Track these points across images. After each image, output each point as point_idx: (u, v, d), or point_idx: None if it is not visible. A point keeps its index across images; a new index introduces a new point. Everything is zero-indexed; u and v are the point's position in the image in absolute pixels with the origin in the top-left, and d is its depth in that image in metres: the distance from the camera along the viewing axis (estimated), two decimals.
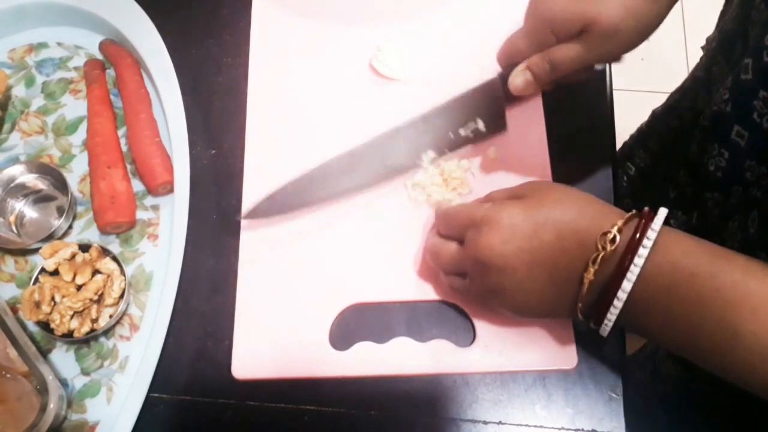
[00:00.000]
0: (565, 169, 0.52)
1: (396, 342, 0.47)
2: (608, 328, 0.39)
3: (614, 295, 0.37)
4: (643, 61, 1.46)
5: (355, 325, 0.48)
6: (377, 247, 0.49)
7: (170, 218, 0.51)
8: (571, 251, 0.38)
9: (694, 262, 0.36)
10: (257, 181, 0.51)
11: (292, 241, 0.50)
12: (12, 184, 0.52)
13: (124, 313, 0.49)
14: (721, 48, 0.49)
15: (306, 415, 0.46)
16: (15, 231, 0.51)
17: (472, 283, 0.43)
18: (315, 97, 0.55)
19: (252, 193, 0.51)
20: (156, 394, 0.47)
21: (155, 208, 0.52)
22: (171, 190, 0.52)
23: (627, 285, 0.36)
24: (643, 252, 0.36)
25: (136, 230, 0.51)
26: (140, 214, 0.52)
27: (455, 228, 0.43)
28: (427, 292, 0.48)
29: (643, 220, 0.37)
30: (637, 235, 0.36)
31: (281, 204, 0.49)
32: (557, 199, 0.40)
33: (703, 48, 0.60)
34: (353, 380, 0.46)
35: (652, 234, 0.36)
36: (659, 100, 0.71)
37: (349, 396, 0.46)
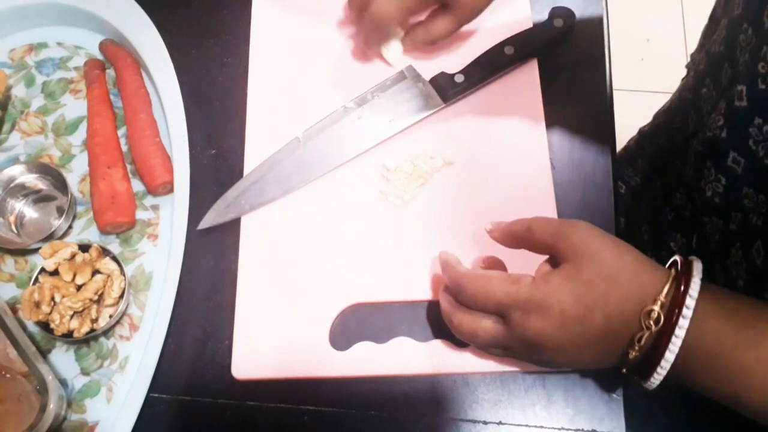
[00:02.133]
0: (566, 168, 0.52)
1: (396, 342, 0.47)
2: (654, 385, 0.39)
3: (658, 363, 0.37)
4: (643, 61, 1.46)
5: (355, 325, 0.48)
6: (377, 247, 0.49)
7: (170, 218, 0.51)
8: (618, 330, 0.38)
9: (735, 329, 0.36)
10: None
11: (293, 242, 0.50)
12: (12, 184, 0.51)
13: (123, 313, 0.49)
14: (709, 70, 0.49)
15: (306, 415, 0.46)
16: (15, 231, 0.51)
17: (517, 355, 0.42)
18: (315, 96, 0.55)
19: None
20: (156, 394, 0.47)
21: (155, 208, 0.52)
22: (171, 190, 0.52)
23: (670, 356, 0.37)
24: (683, 323, 0.36)
25: (136, 230, 0.51)
26: (140, 214, 0.52)
27: (490, 305, 0.40)
28: (427, 292, 0.48)
29: (682, 287, 0.37)
30: (676, 310, 0.36)
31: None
32: (608, 275, 0.38)
33: (688, 66, 0.60)
34: (353, 380, 0.46)
35: (691, 302, 0.36)
36: (659, 99, 0.71)
37: (349, 396, 0.46)
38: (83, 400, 0.47)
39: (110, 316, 0.47)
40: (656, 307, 0.37)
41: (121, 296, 0.47)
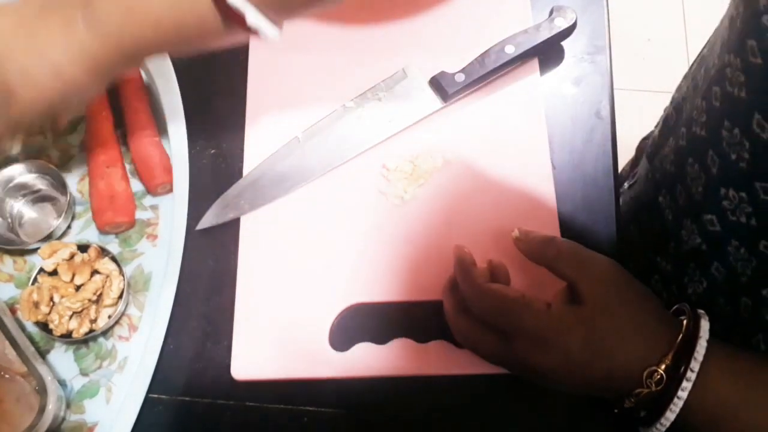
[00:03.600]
0: (567, 168, 0.52)
1: (396, 342, 0.47)
2: None
3: (657, 419, 0.37)
4: (643, 61, 1.46)
5: (355, 325, 0.48)
6: (377, 247, 0.49)
7: (169, 218, 0.51)
8: (618, 382, 0.38)
9: (739, 395, 0.36)
10: None
11: (292, 242, 0.50)
12: (11, 184, 0.51)
13: (122, 314, 0.49)
14: (665, 184, 0.49)
15: (305, 415, 0.46)
16: (14, 231, 0.51)
17: (512, 371, 0.42)
18: (315, 96, 0.54)
19: None
20: (155, 395, 0.47)
21: (154, 208, 0.52)
22: (170, 190, 0.52)
23: (671, 415, 0.37)
24: (687, 385, 0.36)
25: (135, 230, 0.51)
26: (139, 214, 0.52)
27: (498, 325, 0.41)
28: (427, 292, 0.48)
29: (688, 350, 0.37)
30: (681, 371, 0.36)
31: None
32: (621, 329, 0.38)
33: (648, 157, 0.59)
34: (353, 381, 0.46)
35: (695, 365, 0.36)
36: (660, 99, 0.70)
37: (349, 396, 0.46)
38: (82, 401, 0.47)
39: (109, 317, 0.47)
40: (660, 370, 0.37)
41: (120, 296, 0.47)
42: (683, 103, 0.49)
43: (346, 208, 0.51)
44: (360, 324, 0.48)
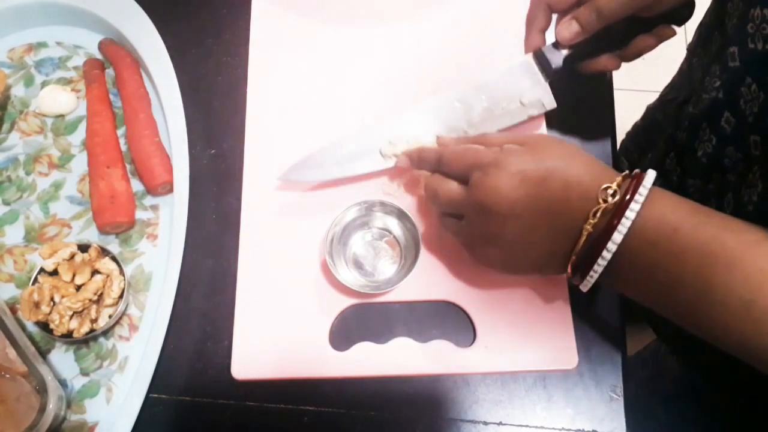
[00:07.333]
0: None
1: (396, 342, 0.47)
2: (592, 281, 0.40)
3: (604, 245, 0.38)
4: (643, 60, 1.46)
5: (355, 325, 0.48)
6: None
7: (170, 218, 0.51)
8: (574, 202, 0.39)
9: (679, 217, 0.37)
10: (257, 181, 0.51)
11: (292, 241, 0.50)
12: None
13: (123, 314, 0.49)
14: (700, 40, 0.50)
15: (306, 415, 0.46)
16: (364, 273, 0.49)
17: (468, 226, 0.43)
18: (315, 96, 0.54)
19: (251, 193, 0.51)
20: (155, 395, 0.47)
21: (154, 208, 0.52)
22: (170, 190, 0.52)
23: (618, 236, 0.37)
24: (635, 206, 0.37)
25: (136, 230, 0.51)
26: (139, 214, 0.52)
27: (460, 167, 0.43)
28: (427, 292, 0.48)
29: (636, 179, 0.38)
30: (631, 190, 0.38)
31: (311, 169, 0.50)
32: (564, 153, 0.40)
33: (688, 48, 0.61)
34: (353, 380, 0.46)
35: (644, 190, 0.38)
36: None
37: (349, 396, 0.46)
38: (83, 401, 0.47)
39: (110, 317, 0.47)
40: (614, 185, 0.38)
41: (121, 296, 0.47)
42: None
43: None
44: (360, 323, 0.48)
